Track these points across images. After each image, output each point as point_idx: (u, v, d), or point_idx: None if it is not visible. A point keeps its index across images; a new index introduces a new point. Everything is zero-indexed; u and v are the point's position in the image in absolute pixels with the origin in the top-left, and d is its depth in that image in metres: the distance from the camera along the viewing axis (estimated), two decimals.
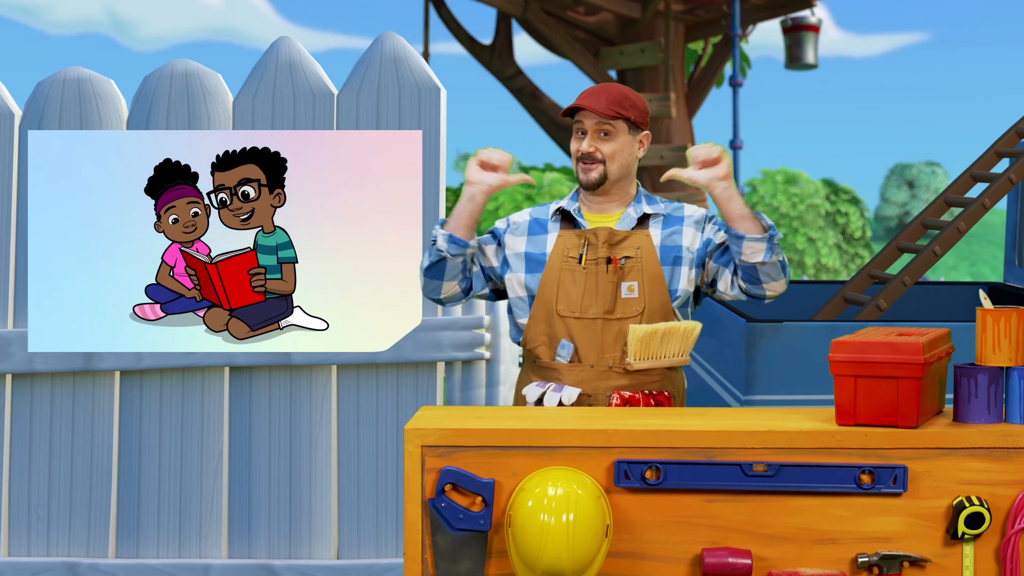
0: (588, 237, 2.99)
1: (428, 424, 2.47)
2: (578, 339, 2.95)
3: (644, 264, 2.97)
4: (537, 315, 3.00)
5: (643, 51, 14.15)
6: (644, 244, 2.99)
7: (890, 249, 4.82)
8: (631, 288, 2.96)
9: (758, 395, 3.90)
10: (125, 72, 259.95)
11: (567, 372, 2.96)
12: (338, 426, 3.86)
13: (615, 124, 2.98)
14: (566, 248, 3.00)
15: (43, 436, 3.88)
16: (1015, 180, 4.62)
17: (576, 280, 2.97)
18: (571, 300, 2.96)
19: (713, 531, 2.44)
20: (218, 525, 3.87)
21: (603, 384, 2.94)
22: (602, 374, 2.94)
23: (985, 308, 2.45)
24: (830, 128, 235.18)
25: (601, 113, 2.95)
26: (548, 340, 2.99)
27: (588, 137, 2.99)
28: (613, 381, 2.94)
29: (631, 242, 2.99)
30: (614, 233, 2.98)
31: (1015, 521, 2.40)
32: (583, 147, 2.99)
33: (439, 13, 15.35)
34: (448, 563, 2.43)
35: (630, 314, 2.95)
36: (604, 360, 2.94)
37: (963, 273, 47.16)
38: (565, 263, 2.98)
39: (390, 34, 3.87)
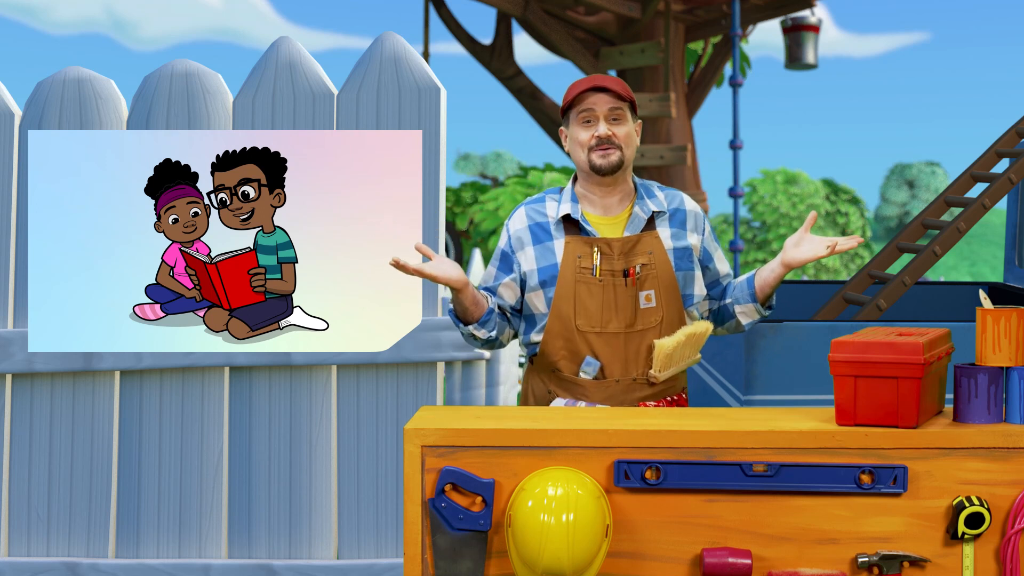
0: (601, 247, 2.95)
1: (428, 424, 2.47)
2: (601, 355, 2.93)
3: (659, 271, 2.95)
4: (554, 329, 2.96)
5: (643, 51, 14.14)
6: (656, 247, 2.96)
7: (890, 249, 4.82)
8: (648, 298, 2.94)
9: (758, 395, 3.90)
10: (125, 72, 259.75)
11: (594, 389, 2.95)
12: (338, 426, 3.86)
13: (624, 108, 2.98)
14: (577, 258, 2.94)
15: (43, 436, 3.88)
16: (1015, 180, 4.62)
17: (593, 293, 2.93)
18: (590, 315, 2.92)
19: (713, 531, 2.44)
20: (218, 525, 3.87)
21: (629, 397, 2.94)
22: (627, 387, 2.94)
23: (985, 308, 2.45)
24: (830, 128, 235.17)
25: (621, 93, 2.95)
26: (569, 355, 2.96)
27: (602, 122, 2.95)
28: (638, 393, 2.95)
29: (643, 247, 2.96)
30: (627, 241, 2.95)
31: (1015, 521, 2.40)
32: (600, 131, 2.95)
33: (439, 13, 15.34)
34: (448, 563, 2.43)
35: (650, 325, 2.94)
36: (628, 373, 2.94)
37: (963, 273, 47.14)
38: (579, 275, 2.93)
39: (390, 34, 3.87)
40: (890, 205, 54.32)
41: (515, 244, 3.03)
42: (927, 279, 8.32)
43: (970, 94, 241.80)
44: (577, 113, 2.97)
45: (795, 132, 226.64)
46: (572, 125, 3.00)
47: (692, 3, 14.99)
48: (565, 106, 3.00)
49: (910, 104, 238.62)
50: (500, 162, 52.47)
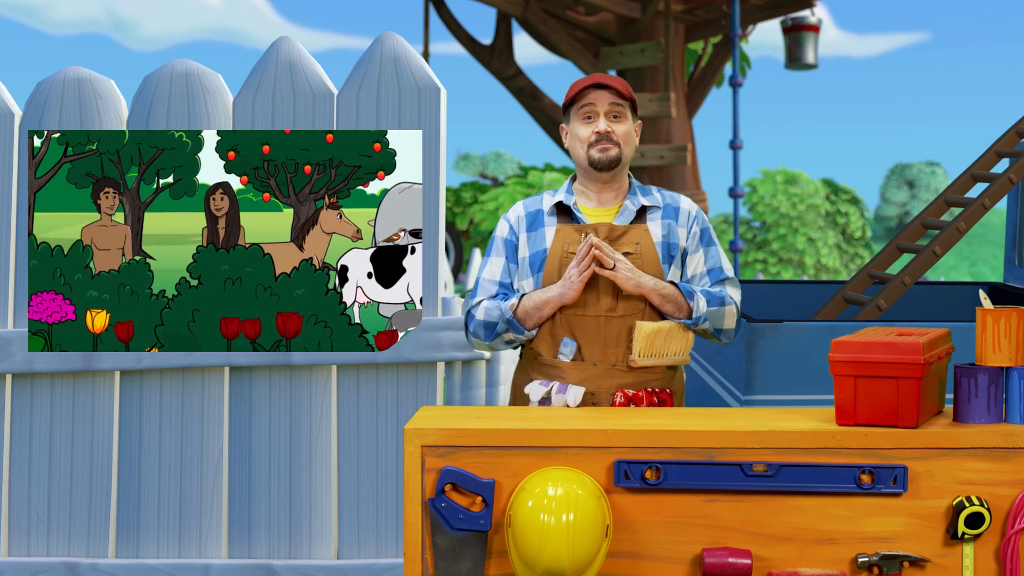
0: (588, 232, 2.99)
1: (428, 424, 2.47)
2: (581, 336, 2.95)
3: (644, 261, 2.97)
4: None
5: (643, 51, 14.15)
6: (644, 239, 2.99)
7: (890, 249, 4.82)
8: None
9: (758, 395, 3.90)
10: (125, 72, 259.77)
11: (570, 371, 2.96)
12: (338, 426, 3.86)
13: (624, 106, 3.02)
14: (565, 243, 2.99)
15: (43, 436, 3.89)
16: (1015, 180, 4.62)
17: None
18: None
19: (713, 531, 2.44)
20: (218, 525, 3.87)
21: (607, 382, 2.94)
22: (606, 372, 2.94)
23: (985, 308, 2.45)
24: (830, 128, 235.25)
25: (621, 91, 2.98)
26: (550, 338, 2.98)
27: (602, 118, 3.00)
28: (617, 379, 2.94)
29: (630, 237, 2.98)
30: (614, 228, 2.98)
31: (1015, 521, 2.40)
32: (600, 127, 2.99)
33: (439, 13, 15.35)
34: (448, 563, 2.43)
35: (632, 311, 2.95)
36: (607, 358, 2.94)
37: (963, 273, 47.16)
38: (565, 259, 2.98)
39: (390, 34, 3.87)
40: (890, 205, 54.34)
41: (516, 229, 3.07)
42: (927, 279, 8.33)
43: (970, 94, 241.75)
44: (578, 109, 3.02)
45: (795, 132, 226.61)
46: (573, 121, 3.04)
47: (692, 3, 14.99)
48: (566, 103, 3.05)
49: (910, 104, 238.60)
50: (500, 162, 52.49)
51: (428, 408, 2.68)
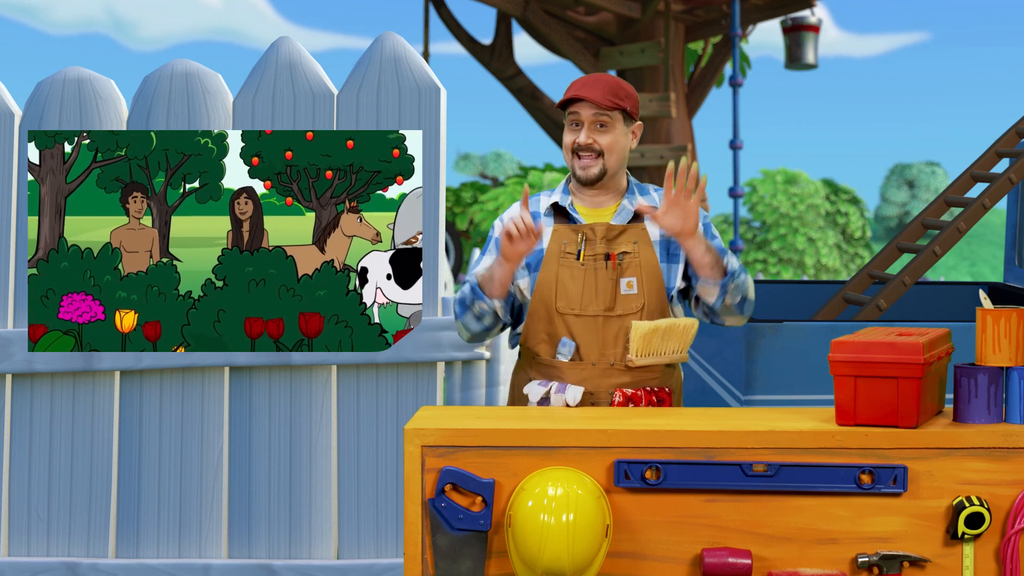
0: (585, 232, 2.98)
1: (428, 424, 2.47)
2: (579, 337, 2.95)
3: (642, 260, 2.97)
4: (536, 312, 2.99)
5: (643, 51, 14.15)
6: (641, 238, 2.99)
7: (890, 249, 4.82)
8: (630, 284, 2.96)
9: (758, 395, 3.90)
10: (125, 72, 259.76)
11: (569, 371, 2.96)
12: (338, 426, 3.86)
13: (612, 115, 2.96)
14: (562, 244, 2.98)
15: (43, 436, 3.89)
16: (1015, 180, 4.62)
17: (575, 277, 2.96)
18: (571, 297, 2.96)
19: (713, 531, 2.44)
20: (218, 525, 3.87)
21: (605, 382, 2.94)
22: (604, 372, 2.94)
23: (985, 308, 2.45)
24: (830, 128, 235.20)
25: (600, 104, 2.93)
26: (548, 338, 2.98)
27: (585, 129, 2.95)
28: (615, 379, 2.94)
29: (628, 236, 2.98)
30: (611, 228, 2.98)
31: (1015, 521, 2.40)
32: (580, 139, 2.96)
33: (439, 13, 15.35)
34: (448, 563, 2.43)
35: (630, 310, 2.95)
36: (606, 357, 2.94)
37: (963, 273, 47.15)
38: (562, 259, 2.97)
39: (390, 34, 3.87)
40: (890, 205, 54.34)
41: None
42: (927, 279, 8.33)
43: (970, 94, 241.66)
44: (567, 115, 3.02)
45: (795, 132, 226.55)
46: (565, 125, 3.05)
47: (692, 3, 14.99)
48: (559, 105, 3.04)
49: (910, 104, 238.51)
50: (500, 162, 52.48)
51: (428, 408, 2.68)
